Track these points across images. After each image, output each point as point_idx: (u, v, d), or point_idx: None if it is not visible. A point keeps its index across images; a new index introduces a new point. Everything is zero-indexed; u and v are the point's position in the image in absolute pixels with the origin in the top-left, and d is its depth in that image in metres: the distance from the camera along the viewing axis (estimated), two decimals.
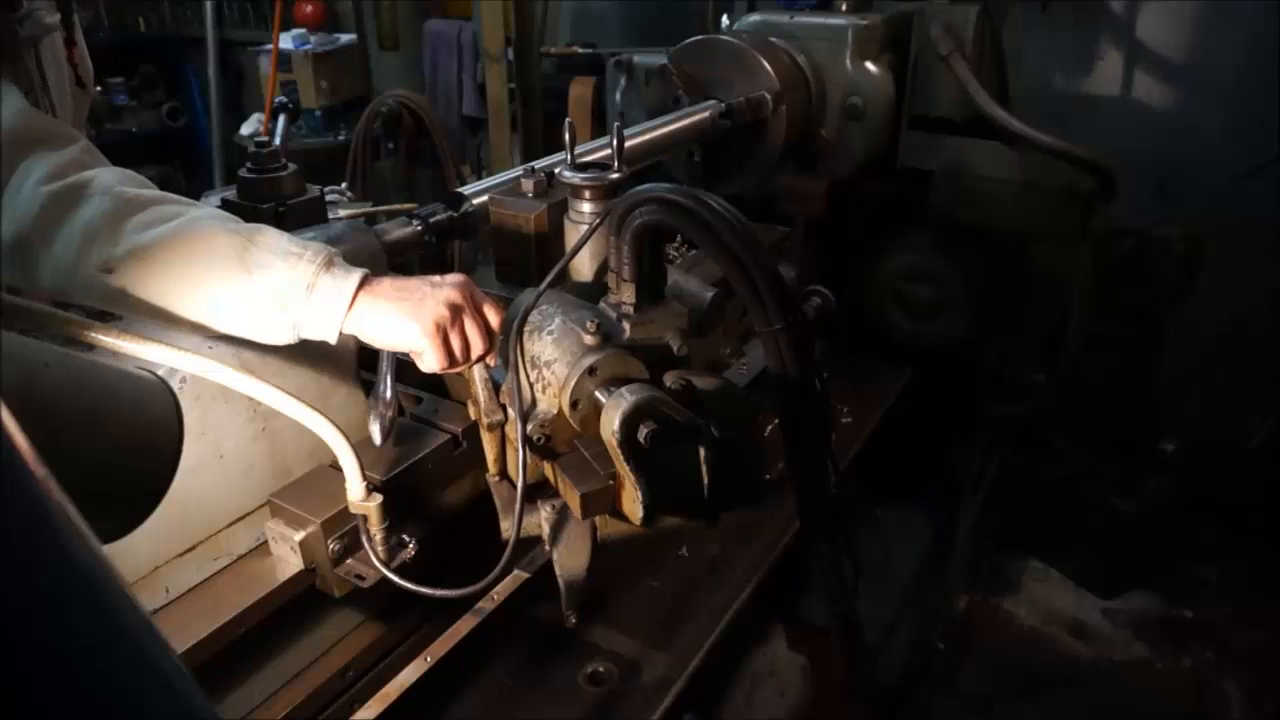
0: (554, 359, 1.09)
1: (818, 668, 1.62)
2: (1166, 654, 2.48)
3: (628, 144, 1.59)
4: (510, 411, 1.13)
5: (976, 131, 2.06)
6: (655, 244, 1.14)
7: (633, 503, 1.03)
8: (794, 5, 2.14)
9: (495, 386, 1.16)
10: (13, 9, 1.27)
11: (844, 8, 2.11)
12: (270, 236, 1.05)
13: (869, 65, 2.04)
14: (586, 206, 1.26)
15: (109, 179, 1.06)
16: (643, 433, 1.01)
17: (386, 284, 1.05)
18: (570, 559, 1.15)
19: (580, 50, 3.48)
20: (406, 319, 1.03)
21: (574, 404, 1.05)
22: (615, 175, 1.26)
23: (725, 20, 2.20)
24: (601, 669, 1.32)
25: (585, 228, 1.21)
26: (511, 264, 1.43)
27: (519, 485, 1.10)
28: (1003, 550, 2.75)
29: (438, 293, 1.06)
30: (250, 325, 1.04)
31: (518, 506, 1.10)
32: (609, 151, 1.58)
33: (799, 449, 1.19)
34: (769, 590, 1.50)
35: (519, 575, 1.32)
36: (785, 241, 2.01)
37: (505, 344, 1.13)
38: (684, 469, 1.05)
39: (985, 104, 1.99)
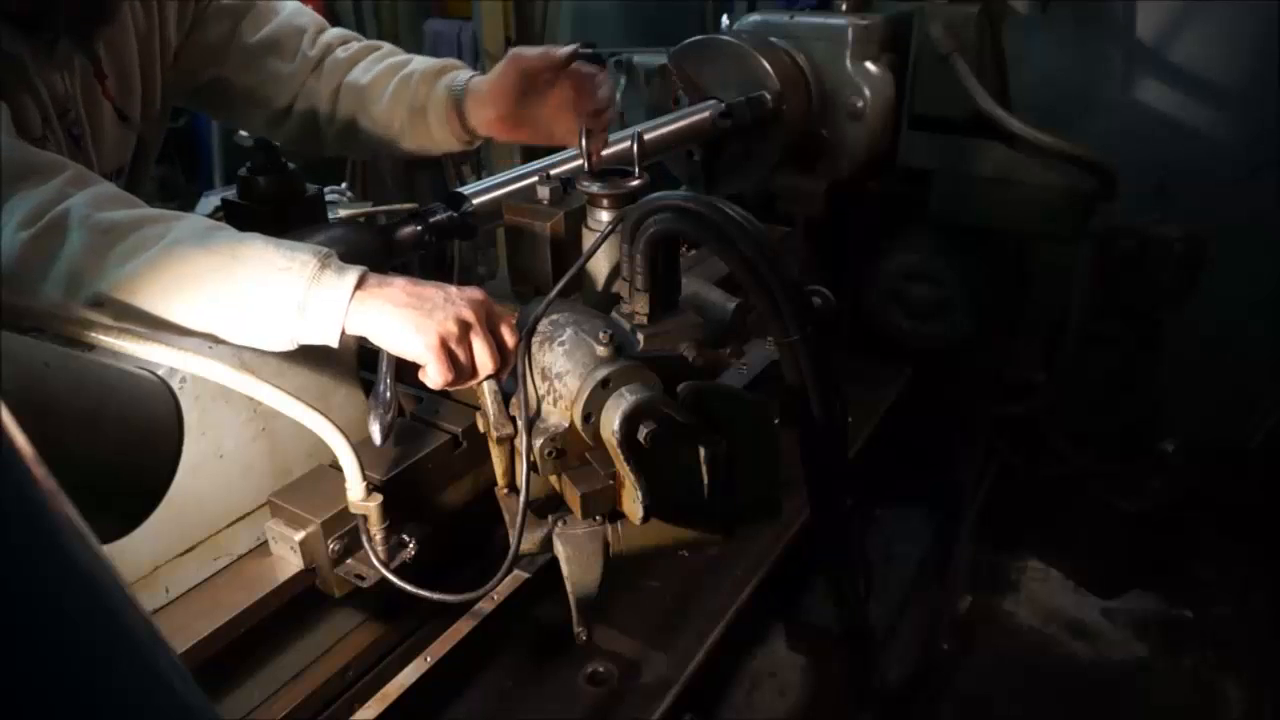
0: (565, 371, 1.08)
1: (818, 668, 1.62)
2: (1166, 654, 2.47)
3: (624, 145, 1.59)
4: (520, 424, 1.12)
5: (976, 131, 2.06)
6: (669, 253, 1.13)
7: (633, 503, 1.03)
8: (794, 5, 2.13)
9: (505, 398, 1.14)
10: (35, 34, 1.24)
11: (844, 8, 2.11)
12: (256, 249, 1.02)
13: (869, 65, 2.04)
14: (605, 215, 1.24)
15: (84, 208, 1.01)
16: (643, 433, 1.00)
17: (398, 285, 1.04)
18: (582, 575, 1.14)
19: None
20: (411, 329, 1.01)
21: (586, 417, 1.04)
22: (635, 182, 1.25)
23: (725, 20, 2.20)
24: (601, 669, 1.32)
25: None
26: (527, 273, 1.43)
27: (521, 498, 1.09)
28: (1003, 550, 2.74)
29: (449, 306, 1.03)
30: (246, 339, 1.04)
31: (520, 519, 1.09)
32: (622, 148, 1.58)
33: (815, 461, 1.18)
34: (769, 590, 1.50)
35: (519, 575, 1.32)
36: (785, 241, 2.01)
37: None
38: (689, 470, 1.05)
39: (985, 104, 1.99)
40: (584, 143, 1.34)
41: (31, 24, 1.22)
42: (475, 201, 1.46)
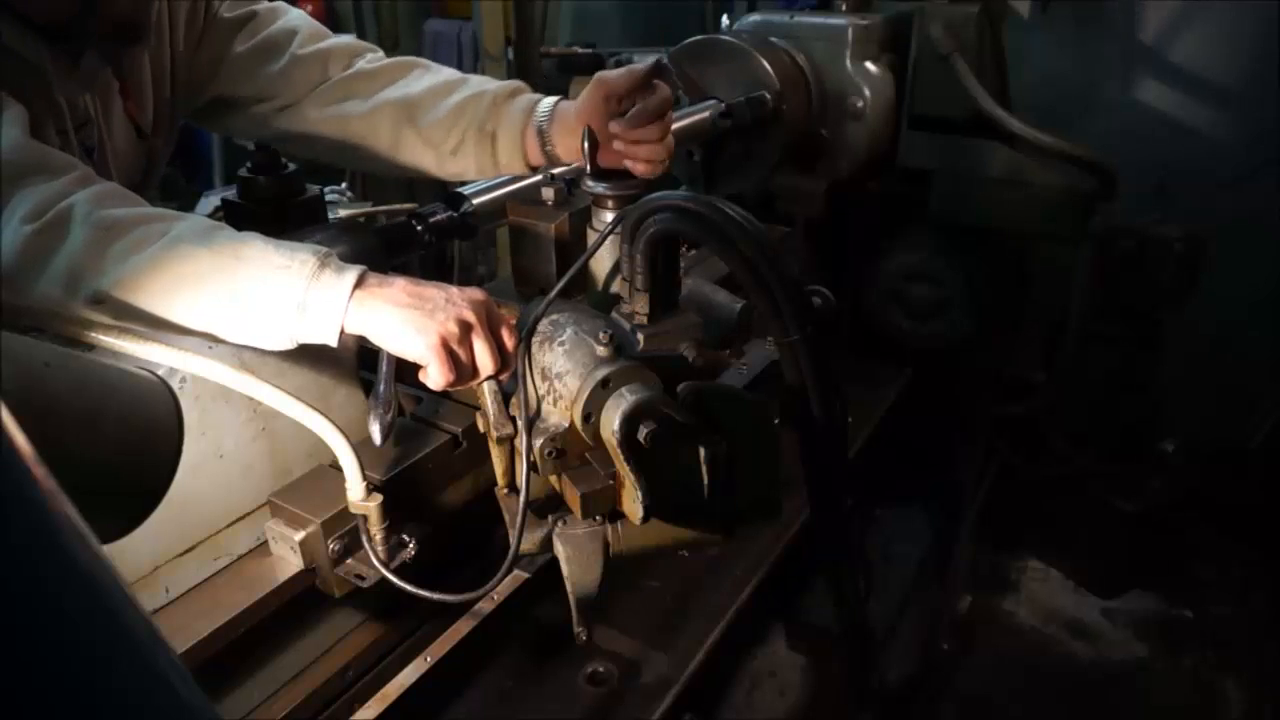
0: (565, 371, 1.08)
1: (818, 668, 1.63)
2: (1166, 654, 2.47)
3: None
4: (520, 424, 1.12)
5: (976, 131, 2.06)
6: (669, 253, 1.13)
7: (633, 503, 1.03)
8: (794, 5, 2.13)
9: (505, 398, 1.14)
10: (60, 45, 1.23)
11: (844, 8, 2.11)
12: (256, 249, 1.02)
13: (869, 65, 2.04)
14: (610, 216, 1.24)
15: (86, 204, 1.02)
16: (643, 433, 1.00)
17: (399, 285, 1.03)
18: (582, 575, 1.14)
19: (580, 50, 3.48)
20: (412, 330, 1.01)
21: (586, 417, 1.04)
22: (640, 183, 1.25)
23: (725, 20, 2.20)
24: (601, 669, 1.32)
25: (609, 239, 1.20)
26: (530, 274, 1.42)
27: (521, 498, 1.09)
28: (1003, 550, 2.74)
29: (450, 307, 1.03)
30: (246, 338, 1.04)
31: (520, 519, 1.09)
32: None
33: (815, 461, 1.18)
34: (769, 590, 1.50)
35: (519, 575, 1.32)
36: (785, 241, 2.01)
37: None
38: (689, 470, 1.05)
39: (985, 104, 1.99)
40: (585, 145, 1.34)
41: (58, 35, 1.22)
42: (475, 201, 1.46)
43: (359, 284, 1.02)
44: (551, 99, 1.49)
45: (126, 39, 1.29)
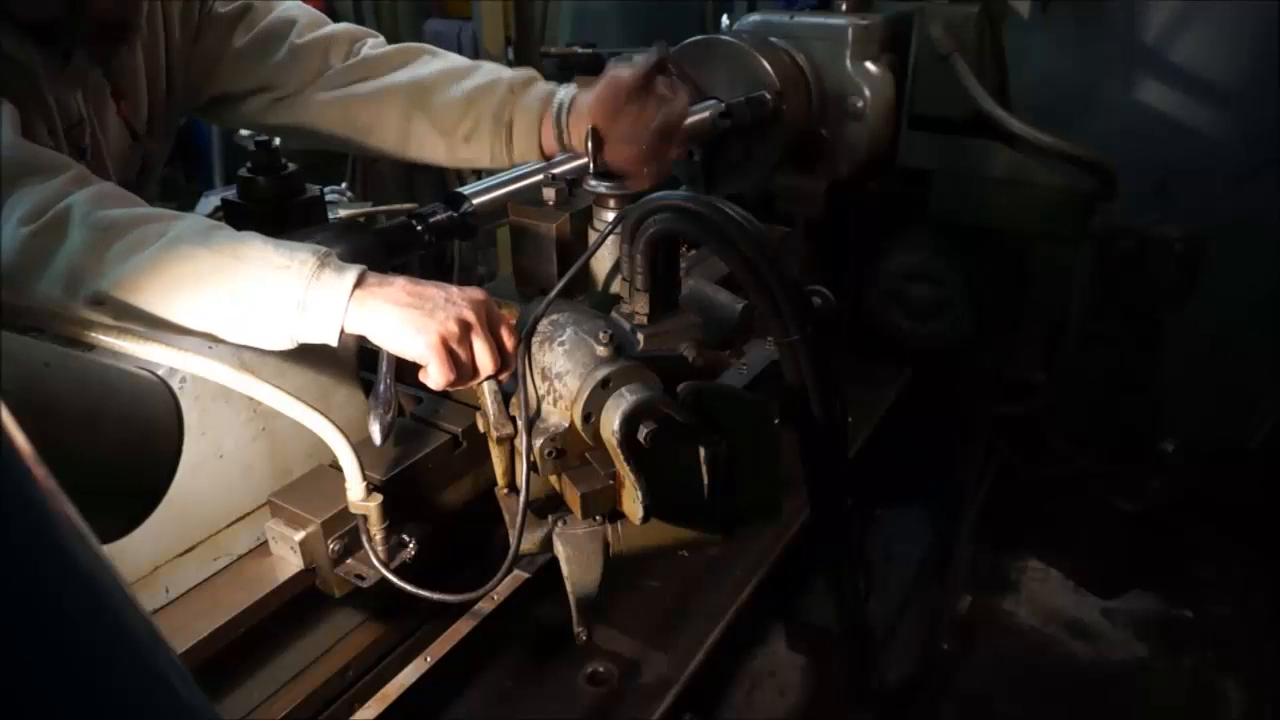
0: (565, 371, 1.08)
1: (818, 668, 1.63)
2: (1166, 654, 2.47)
3: None
4: (520, 424, 1.12)
5: (976, 131, 2.06)
6: (669, 253, 1.13)
7: (633, 503, 1.03)
8: (794, 5, 2.13)
9: (505, 398, 1.14)
10: (49, 46, 1.23)
11: (844, 8, 2.11)
12: (256, 249, 1.02)
13: (869, 65, 2.04)
14: (611, 216, 1.24)
15: (85, 205, 1.01)
16: (643, 433, 1.00)
17: (399, 285, 1.03)
18: (582, 575, 1.14)
19: (580, 50, 3.48)
20: (412, 329, 1.01)
21: (586, 417, 1.04)
22: None
23: (725, 20, 2.20)
24: (601, 669, 1.32)
25: (610, 238, 1.20)
26: (532, 274, 1.42)
27: (522, 498, 1.09)
28: (1003, 550, 2.74)
29: (450, 306, 1.03)
30: (246, 338, 1.04)
31: (520, 519, 1.09)
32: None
33: (815, 461, 1.18)
34: (769, 590, 1.50)
35: (519, 575, 1.32)
36: (785, 241, 2.01)
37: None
38: (689, 470, 1.05)
39: (985, 104, 1.99)
40: (589, 144, 1.34)
41: (47, 35, 1.22)
42: (475, 201, 1.46)
43: (359, 283, 1.02)
44: (569, 88, 1.50)
45: (114, 38, 1.28)
